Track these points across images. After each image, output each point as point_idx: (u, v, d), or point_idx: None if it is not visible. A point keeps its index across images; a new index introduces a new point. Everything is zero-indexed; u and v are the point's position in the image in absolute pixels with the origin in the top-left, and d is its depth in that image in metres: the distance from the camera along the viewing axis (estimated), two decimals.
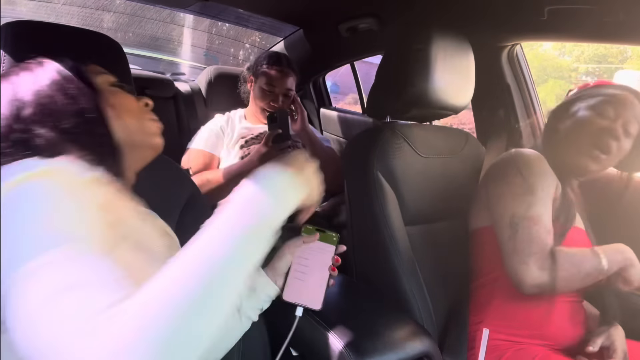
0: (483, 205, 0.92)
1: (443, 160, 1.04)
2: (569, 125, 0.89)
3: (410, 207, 0.97)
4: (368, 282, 0.92)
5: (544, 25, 1.05)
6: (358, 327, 0.68)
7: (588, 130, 0.85)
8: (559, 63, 7.18)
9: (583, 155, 0.86)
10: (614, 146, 0.84)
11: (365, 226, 0.93)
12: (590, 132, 0.85)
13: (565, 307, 0.85)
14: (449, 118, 1.20)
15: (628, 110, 0.84)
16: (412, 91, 0.92)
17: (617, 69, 5.30)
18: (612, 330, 0.81)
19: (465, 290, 0.93)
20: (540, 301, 0.82)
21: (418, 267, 0.90)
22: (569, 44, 4.54)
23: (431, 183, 0.99)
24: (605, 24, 0.92)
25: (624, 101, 0.85)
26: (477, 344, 0.84)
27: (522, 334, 0.82)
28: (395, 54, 0.96)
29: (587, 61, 6.47)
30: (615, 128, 0.83)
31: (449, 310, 0.92)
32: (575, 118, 0.88)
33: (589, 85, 0.93)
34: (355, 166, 0.97)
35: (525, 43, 1.28)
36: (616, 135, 0.83)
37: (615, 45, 1.41)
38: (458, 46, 0.98)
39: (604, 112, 0.85)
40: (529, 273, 0.76)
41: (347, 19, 1.50)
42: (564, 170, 0.88)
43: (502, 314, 0.85)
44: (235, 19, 1.99)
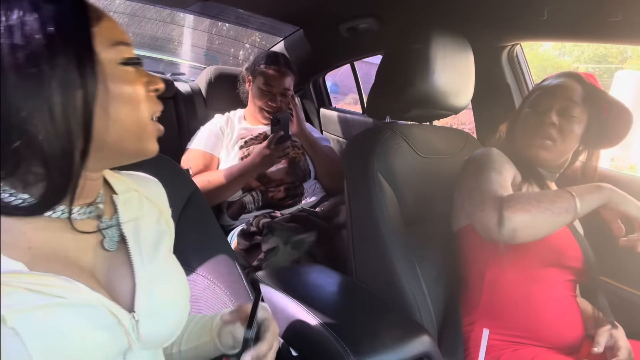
0: (459, 206, 0.95)
1: (443, 161, 1.04)
2: (518, 125, 0.98)
3: (410, 207, 0.97)
4: (368, 282, 0.92)
5: (544, 25, 1.05)
6: (358, 327, 0.68)
7: (528, 124, 0.94)
8: (559, 63, 7.19)
9: (532, 146, 0.92)
10: (554, 132, 0.90)
11: (365, 226, 0.93)
12: (530, 125, 0.93)
13: (559, 303, 0.85)
14: (449, 118, 1.20)
15: (563, 95, 0.91)
16: (412, 91, 0.92)
17: (617, 69, 5.31)
18: (614, 329, 0.82)
19: (461, 291, 0.93)
20: (531, 299, 0.82)
21: (418, 267, 0.90)
22: (569, 44, 4.55)
23: (431, 183, 0.99)
24: (605, 24, 0.92)
25: (557, 88, 0.92)
26: (471, 345, 0.84)
27: (518, 334, 0.82)
28: (395, 54, 0.96)
29: (587, 61, 6.48)
30: (548, 116, 0.90)
31: (446, 311, 0.92)
32: (520, 117, 0.97)
33: (537, 84, 1.01)
34: (355, 166, 0.97)
35: (525, 43, 1.28)
36: (551, 122, 0.89)
37: (615, 45, 1.41)
38: (458, 46, 0.98)
39: (538, 105, 0.93)
40: (489, 217, 0.73)
41: (347, 19, 1.50)
42: (525, 162, 0.94)
43: (494, 314, 0.85)
44: (235, 19, 1.99)
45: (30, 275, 0.37)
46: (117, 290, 0.45)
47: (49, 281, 0.37)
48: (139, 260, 0.47)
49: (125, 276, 0.46)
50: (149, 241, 0.50)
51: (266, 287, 0.79)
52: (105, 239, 0.46)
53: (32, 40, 0.36)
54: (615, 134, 0.94)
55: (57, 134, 0.37)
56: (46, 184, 0.39)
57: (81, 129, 0.38)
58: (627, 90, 3.44)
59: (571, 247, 0.87)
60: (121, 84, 0.42)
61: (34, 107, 0.36)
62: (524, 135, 0.94)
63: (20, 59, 0.35)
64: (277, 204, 1.40)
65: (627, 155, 3.11)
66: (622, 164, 3.06)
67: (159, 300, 0.47)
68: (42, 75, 0.36)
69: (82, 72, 0.38)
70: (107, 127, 0.41)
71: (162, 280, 0.48)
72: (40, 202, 0.39)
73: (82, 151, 0.39)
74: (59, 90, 0.37)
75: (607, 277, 1.06)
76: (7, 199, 0.39)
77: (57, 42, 0.37)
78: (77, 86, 0.38)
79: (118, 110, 0.41)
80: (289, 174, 1.44)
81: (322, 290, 0.82)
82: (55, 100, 0.37)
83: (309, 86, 2.21)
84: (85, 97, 0.38)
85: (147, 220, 0.52)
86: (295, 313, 0.71)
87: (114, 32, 0.43)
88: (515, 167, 0.91)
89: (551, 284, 0.86)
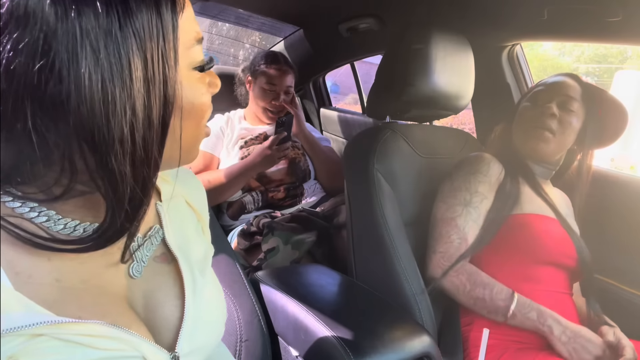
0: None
1: (443, 161, 1.04)
2: (516, 120, 0.99)
3: (410, 207, 0.97)
4: (368, 282, 0.92)
5: (544, 25, 1.05)
6: (358, 327, 0.68)
7: (528, 116, 0.95)
8: (559, 63, 7.20)
9: (529, 138, 0.94)
10: (554, 123, 0.91)
11: (365, 226, 0.93)
12: (530, 117, 0.95)
13: (555, 302, 0.85)
14: (449, 118, 1.21)
15: (561, 91, 0.93)
16: (412, 91, 0.92)
17: (617, 69, 5.31)
18: (615, 328, 0.82)
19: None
20: (527, 298, 0.82)
21: (418, 267, 0.90)
22: (569, 44, 4.55)
23: (431, 183, 0.99)
24: (605, 24, 0.92)
25: (555, 84, 0.94)
26: (471, 345, 0.84)
27: (515, 333, 0.82)
28: (395, 54, 0.96)
29: (587, 61, 6.49)
30: (548, 107, 0.92)
31: (445, 311, 0.92)
32: (519, 112, 0.99)
33: (534, 85, 1.03)
34: (355, 166, 0.97)
35: (525, 43, 1.28)
36: (551, 113, 0.91)
37: (615, 45, 1.41)
38: (458, 46, 0.98)
39: (538, 99, 0.95)
40: (430, 266, 0.88)
41: (347, 19, 1.50)
42: (517, 161, 0.96)
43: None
44: (235, 19, 1.99)
45: (75, 324, 0.30)
46: (157, 323, 0.38)
47: (95, 330, 0.31)
48: (191, 287, 0.40)
49: (166, 304, 0.39)
50: (197, 262, 0.43)
51: (266, 287, 0.79)
52: (134, 263, 0.38)
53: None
54: (610, 133, 0.95)
55: (133, 153, 0.29)
56: (110, 211, 0.30)
57: (157, 149, 0.31)
58: (627, 90, 3.44)
59: (566, 246, 0.87)
60: (192, 97, 0.35)
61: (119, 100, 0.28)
62: (523, 128, 0.95)
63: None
64: (277, 204, 1.40)
65: (627, 155, 3.11)
66: (622, 164, 3.06)
67: (203, 338, 0.41)
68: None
69: (165, 90, 0.30)
70: (168, 144, 0.33)
71: (208, 311, 0.42)
72: (104, 234, 0.31)
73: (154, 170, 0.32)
74: (144, 86, 0.29)
75: (607, 277, 1.06)
76: (43, 222, 0.32)
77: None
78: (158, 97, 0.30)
79: (183, 127, 0.34)
80: (289, 175, 1.44)
81: (322, 290, 0.82)
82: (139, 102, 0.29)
83: (309, 86, 2.21)
84: (163, 116, 0.31)
85: (192, 233, 0.45)
86: (295, 313, 0.71)
87: (193, 26, 0.35)
88: (503, 166, 0.93)
89: (547, 282, 0.86)
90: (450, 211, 0.89)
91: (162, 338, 0.38)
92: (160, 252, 0.41)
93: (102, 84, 0.27)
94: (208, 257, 0.46)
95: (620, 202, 1.05)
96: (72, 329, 0.30)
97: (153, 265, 0.40)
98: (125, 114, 0.28)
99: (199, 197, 0.50)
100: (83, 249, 0.31)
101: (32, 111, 0.26)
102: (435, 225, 0.91)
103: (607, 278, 1.06)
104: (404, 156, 0.97)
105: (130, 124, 0.28)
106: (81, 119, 0.27)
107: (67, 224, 0.33)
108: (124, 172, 0.29)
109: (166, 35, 0.30)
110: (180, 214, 0.45)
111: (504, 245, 0.87)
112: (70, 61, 0.26)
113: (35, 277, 0.31)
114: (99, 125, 0.27)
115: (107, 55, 0.27)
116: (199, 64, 0.35)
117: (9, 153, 0.28)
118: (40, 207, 0.32)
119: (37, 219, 0.32)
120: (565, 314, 0.84)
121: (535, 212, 0.89)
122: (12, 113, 0.26)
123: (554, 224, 0.89)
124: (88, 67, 0.26)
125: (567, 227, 0.89)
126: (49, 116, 0.27)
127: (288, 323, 0.73)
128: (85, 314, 0.32)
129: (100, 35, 0.26)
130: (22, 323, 0.28)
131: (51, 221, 0.32)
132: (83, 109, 0.26)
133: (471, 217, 0.88)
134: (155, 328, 0.38)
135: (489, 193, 0.90)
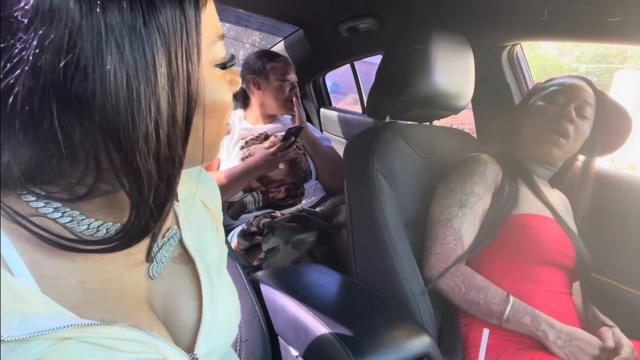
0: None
1: (442, 161, 1.04)
2: (526, 117, 0.96)
3: (409, 207, 0.97)
4: (368, 282, 0.92)
5: (544, 25, 1.05)
6: (358, 327, 0.68)
7: (543, 117, 0.92)
8: (559, 63, 7.19)
9: (544, 141, 0.92)
10: (571, 129, 0.89)
11: (365, 226, 0.93)
12: (545, 119, 0.92)
13: (554, 301, 0.85)
14: (449, 118, 1.21)
15: (579, 95, 0.91)
16: (412, 91, 0.92)
17: (617, 69, 5.31)
18: (613, 328, 0.82)
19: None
20: (526, 298, 0.83)
21: (418, 267, 0.90)
22: (569, 44, 4.55)
23: (431, 183, 0.99)
24: (605, 24, 0.92)
25: (574, 87, 0.92)
26: (470, 345, 0.84)
27: (515, 333, 0.82)
28: (395, 54, 0.96)
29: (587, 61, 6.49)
30: (568, 111, 0.89)
31: (445, 311, 0.92)
32: (530, 110, 0.96)
33: (540, 83, 1.01)
34: (355, 166, 0.97)
35: (525, 43, 1.28)
36: (570, 118, 0.89)
37: (615, 45, 1.41)
38: (458, 46, 0.98)
39: (555, 100, 0.92)
40: (427, 267, 0.88)
41: (347, 19, 1.50)
42: (519, 158, 0.95)
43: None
44: (235, 19, 1.99)
45: (101, 327, 0.30)
46: (175, 324, 0.38)
47: (119, 333, 0.31)
48: (208, 289, 0.40)
49: (183, 306, 0.39)
50: (214, 263, 0.42)
51: (266, 287, 0.79)
52: (154, 264, 0.38)
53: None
54: (615, 140, 0.95)
55: (158, 150, 0.29)
56: (135, 209, 0.30)
57: (180, 147, 0.31)
58: (627, 90, 3.44)
59: (565, 246, 0.87)
60: (214, 94, 0.34)
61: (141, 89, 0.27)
62: (537, 128, 0.93)
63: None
64: (278, 204, 1.40)
65: (627, 155, 3.11)
66: (622, 164, 3.06)
67: (219, 340, 0.41)
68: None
69: (188, 87, 0.30)
70: (191, 142, 0.32)
71: (224, 313, 0.42)
72: (128, 233, 0.31)
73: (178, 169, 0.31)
74: (168, 82, 0.29)
75: (606, 277, 1.06)
76: (67, 222, 0.31)
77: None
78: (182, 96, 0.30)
79: (206, 124, 0.34)
80: (289, 175, 1.44)
81: (322, 290, 0.82)
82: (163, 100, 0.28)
83: (309, 86, 2.21)
84: (186, 113, 0.30)
85: (208, 233, 0.45)
86: (295, 313, 0.71)
87: (215, 22, 0.34)
88: (501, 167, 0.92)
89: (546, 282, 0.86)
90: (445, 212, 0.89)
91: (181, 340, 0.38)
92: (177, 253, 0.41)
93: (127, 80, 0.26)
94: (223, 257, 0.46)
95: (620, 202, 1.05)
96: (97, 332, 0.30)
97: (171, 266, 0.40)
98: (150, 111, 0.27)
99: (214, 196, 0.50)
100: (109, 249, 0.31)
101: (58, 109, 0.26)
102: (431, 226, 0.91)
103: (606, 278, 1.06)
104: (404, 156, 0.97)
105: (155, 121, 0.28)
106: (106, 116, 0.26)
107: (90, 225, 0.32)
108: (148, 170, 0.28)
109: (189, 31, 0.29)
110: (196, 214, 0.45)
111: (502, 245, 0.87)
112: (95, 58, 0.25)
113: (61, 280, 0.31)
114: (124, 122, 0.27)
115: (131, 51, 0.26)
116: (220, 61, 0.35)
117: (35, 151, 0.27)
118: (64, 208, 0.31)
119: (61, 219, 0.31)
120: (565, 314, 0.84)
121: (533, 213, 0.89)
122: (39, 111, 0.26)
123: (552, 224, 0.89)
124: (113, 63, 0.26)
125: (565, 227, 0.89)
126: (74, 114, 0.26)
127: (288, 323, 0.73)
128: (108, 316, 0.33)
129: (124, 31, 0.26)
130: (49, 326, 0.27)
131: (75, 222, 0.32)
132: (108, 106, 0.26)
133: (467, 219, 0.88)
134: (174, 330, 0.38)
135: (485, 194, 0.90)
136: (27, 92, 0.25)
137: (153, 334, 0.34)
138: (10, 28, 0.25)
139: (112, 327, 0.31)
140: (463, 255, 0.86)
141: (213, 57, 0.34)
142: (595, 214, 1.02)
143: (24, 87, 0.25)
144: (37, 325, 0.27)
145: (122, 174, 0.28)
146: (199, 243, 0.42)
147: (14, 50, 0.25)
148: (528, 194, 0.92)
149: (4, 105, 0.25)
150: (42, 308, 0.28)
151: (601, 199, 1.05)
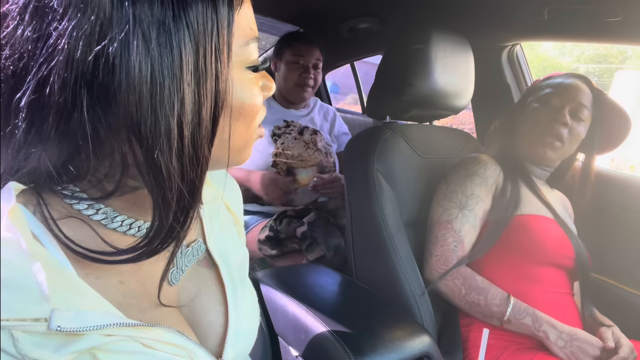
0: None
1: (442, 161, 1.04)
2: (522, 119, 0.96)
3: (409, 207, 0.97)
4: (368, 282, 0.92)
5: (544, 25, 1.05)
6: (358, 327, 0.68)
7: (538, 120, 0.92)
8: (559, 63, 7.19)
9: (538, 144, 0.92)
10: (565, 133, 0.90)
11: (365, 226, 0.93)
12: (540, 122, 0.92)
13: (555, 302, 0.85)
14: (449, 118, 1.20)
15: (574, 97, 0.90)
16: (412, 91, 0.92)
17: (617, 69, 5.31)
18: (613, 328, 0.82)
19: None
20: (527, 298, 0.83)
21: (418, 267, 0.90)
22: (569, 44, 4.55)
23: (431, 183, 0.99)
24: (605, 23, 0.92)
25: (569, 89, 0.91)
26: (470, 345, 0.84)
27: (515, 333, 0.82)
28: (395, 54, 0.96)
29: (587, 61, 6.48)
30: (562, 115, 0.89)
31: (445, 311, 0.92)
32: (526, 111, 0.96)
33: (539, 80, 1.01)
34: (355, 166, 0.97)
35: (525, 43, 1.28)
36: (564, 122, 0.89)
37: (615, 45, 1.41)
38: (458, 46, 0.98)
39: (550, 102, 0.92)
40: (427, 269, 0.88)
41: (347, 19, 1.50)
42: (517, 158, 0.96)
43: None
44: None
45: (144, 328, 0.30)
46: (202, 329, 0.38)
47: (158, 335, 0.31)
48: (232, 295, 0.40)
49: (210, 310, 0.39)
50: (237, 268, 0.42)
51: (266, 287, 0.79)
52: (173, 270, 0.37)
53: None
54: (613, 139, 0.95)
55: (181, 149, 0.28)
56: (157, 210, 0.29)
57: (206, 147, 0.30)
58: (627, 90, 3.44)
59: (564, 247, 0.87)
60: (243, 97, 0.33)
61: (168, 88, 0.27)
62: (532, 132, 0.93)
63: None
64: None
65: (627, 155, 3.11)
66: (622, 164, 3.06)
67: (243, 345, 0.42)
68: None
69: (216, 86, 0.29)
70: (217, 144, 0.32)
71: (246, 318, 0.42)
72: (153, 239, 0.30)
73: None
74: (194, 78, 0.28)
75: (606, 277, 1.06)
76: (101, 219, 0.31)
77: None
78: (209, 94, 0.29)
79: (233, 127, 0.33)
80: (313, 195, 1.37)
81: (322, 290, 0.82)
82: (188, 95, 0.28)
83: None
84: (213, 113, 0.29)
85: (231, 236, 0.44)
86: (295, 313, 0.71)
87: (250, 24, 0.33)
88: (501, 167, 0.92)
89: (546, 282, 0.86)
90: (446, 214, 0.89)
91: (208, 344, 0.38)
92: (202, 257, 0.41)
93: (152, 74, 0.26)
94: (245, 262, 0.46)
95: (620, 202, 1.05)
96: (141, 332, 0.30)
97: (197, 269, 0.40)
98: (173, 106, 0.27)
99: (236, 198, 0.49)
100: (134, 258, 0.30)
101: (87, 101, 0.26)
102: (431, 228, 0.91)
103: (606, 277, 1.06)
104: (404, 156, 0.97)
105: (178, 117, 0.27)
106: (129, 109, 0.26)
107: (123, 222, 0.32)
108: (170, 168, 0.28)
109: (221, 30, 0.29)
110: (220, 217, 0.44)
111: (503, 245, 0.87)
112: (123, 50, 0.25)
113: (102, 279, 0.31)
114: (145, 116, 0.26)
115: (158, 45, 0.26)
116: (252, 64, 0.34)
117: (64, 146, 0.27)
118: (98, 204, 0.31)
119: (95, 216, 0.31)
120: (566, 314, 0.84)
121: (533, 213, 0.89)
122: (72, 102, 0.25)
123: (552, 224, 0.89)
124: (139, 56, 0.26)
125: (565, 227, 0.89)
126: (100, 106, 0.26)
127: (288, 323, 0.73)
128: (144, 318, 0.33)
129: (153, 24, 0.26)
130: (95, 323, 0.27)
131: (108, 219, 0.32)
132: (132, 100, 0.26)
133: (467, 220, 0.88)
134: (202, 334, 0.38)
135: (486, 196, 0.90)
136: (62, 83, 0.25)
137: (189, 337, 0.34)
138: (46, 17, 0.25)
139: (154, 329, 0.31)
140: (464, 258, 0.86)
141: (245, 59, 0.33)
142: (595, 214, 1.02)
143: (58, 77, 0.25)
144: (90, 320, 0.27)
145: (144, 169, 0.28)
146: (222, 247, 0.42)
147: (50, 40, 0.25)
148: (528, 195, 0.92)
149: (41, 97, 0.25)
150: (95, 303, 0.29)
151: (601, 199, 1.05)
